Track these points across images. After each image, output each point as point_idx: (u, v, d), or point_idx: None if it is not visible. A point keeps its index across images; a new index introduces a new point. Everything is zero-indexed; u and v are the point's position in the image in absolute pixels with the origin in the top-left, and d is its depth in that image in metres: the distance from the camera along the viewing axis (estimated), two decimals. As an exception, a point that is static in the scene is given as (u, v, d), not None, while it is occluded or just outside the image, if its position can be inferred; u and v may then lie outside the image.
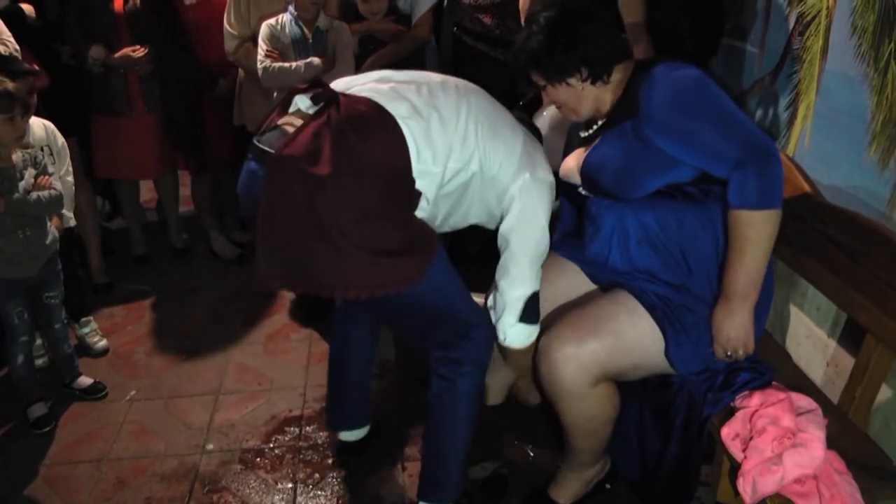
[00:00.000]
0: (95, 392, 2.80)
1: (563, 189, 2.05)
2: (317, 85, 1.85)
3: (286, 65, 2.95)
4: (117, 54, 3.26)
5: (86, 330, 3.10)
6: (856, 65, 1.89)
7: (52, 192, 2.47)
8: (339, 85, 1.87)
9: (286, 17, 3.04)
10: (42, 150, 2.59)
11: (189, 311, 3.42)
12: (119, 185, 3.82)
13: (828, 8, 1.99)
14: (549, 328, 1.91)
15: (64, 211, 2.68)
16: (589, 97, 1.86)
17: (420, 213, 1.79)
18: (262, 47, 2.99)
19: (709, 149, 1.67)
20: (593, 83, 1.83)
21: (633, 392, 2.07)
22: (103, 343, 3.10)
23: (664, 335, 1.81)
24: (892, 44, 1.75)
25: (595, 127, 1.93)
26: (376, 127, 1.72)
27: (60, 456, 2.51)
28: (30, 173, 2.43)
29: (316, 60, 2.94)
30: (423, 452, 2.14)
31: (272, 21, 3.04)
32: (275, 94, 3.02)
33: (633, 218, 1.87)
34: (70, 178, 2.76)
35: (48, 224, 2.55)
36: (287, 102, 1.87)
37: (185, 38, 3.39)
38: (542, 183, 1.92)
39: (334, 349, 2.35)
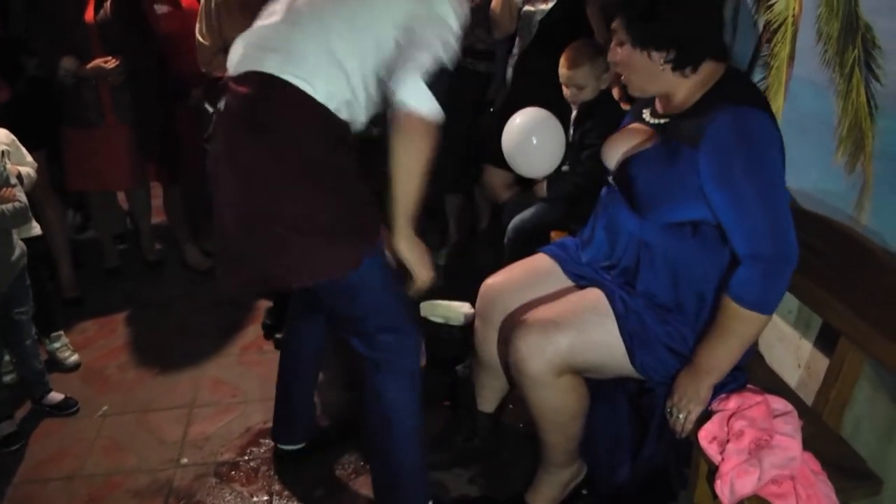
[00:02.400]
0: (66, 408, 2.75)
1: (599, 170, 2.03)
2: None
3: None
4: (90, 65, 3.22)
5: (56, 345, 3.05)
6: (822, 71, 1.92)
7: (17, 204, 2.43)
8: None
9: None
10: (3, 154, 2.53)
11: (162, 324, 3.39)
12: (91, 196, 3.77)
13: (794, 15, 2.02)
14: (518, 318, 1.93)
15: (22, 168, 2.62)
16: (663, 81, 1.76)
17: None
18: None
19: (749, 226, 1.63)
20: (674, 70, 1.73)
21: (614, 400, 2.09)
22: (75, 358, 3.06)
23: (627, 344, 1.83)
24: (856, 50, 1.78)
25: (662, 121, 1.83)
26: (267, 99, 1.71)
27: (30, 474, 2.46)
28: None
29: None
30: (372, 469, 2.13)
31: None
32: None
33: (643, 232, 1.84)
34: (30, 159, 2.71)
35: (14, 238, 2.50)
36: None
37: (156, 49, 3.36)
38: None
39: (283, 362, 2.36)
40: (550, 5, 2.93)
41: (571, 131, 2.75)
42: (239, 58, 1.78)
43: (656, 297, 1.85)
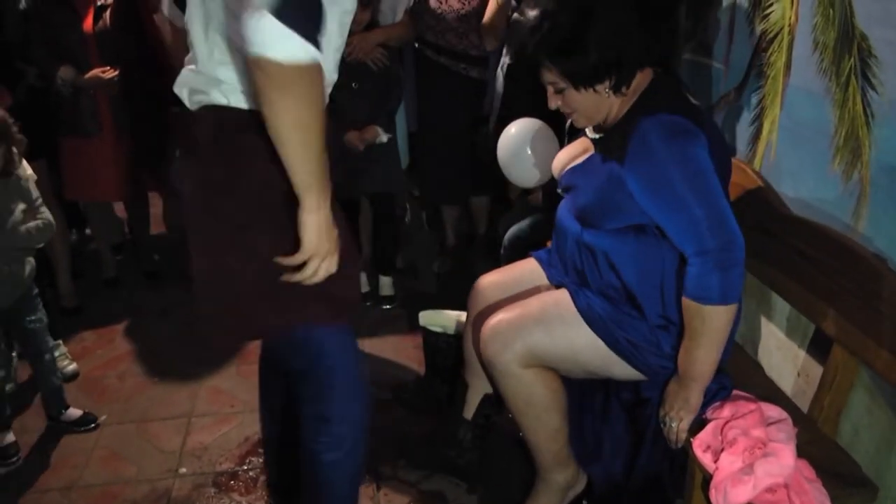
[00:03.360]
0: (86, 424, 2.70)
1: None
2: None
3: None
4: (87, 75, 3.22)
5: (55, 354, 3.04)
6: (818, 80, 1.92)
7: (43, 221, 2.47)
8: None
9: None
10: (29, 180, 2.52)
11: (160, 333, 3.38)
12: (90, 207, 3.78)
13: (790, 24, 2.02)
14: (490, 314, 2.00)
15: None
16: (606, 106, 1.76)
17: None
18: None
19: (686, 227, 1.64)
20: (615, 92, 1.73)
21: (608, 410, 2.09)
22: (73, 367, 3.06)
23: (603, 339, 1.86)
24: (852, 59, 1.79)
25: (598, 136, 1.86)
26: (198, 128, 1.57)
27: (28, 484, 2.45)
28: (20, 207, 2.42)
29: None
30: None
31: None
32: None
33: (584, 235, 1.89)
34: (30, 172, 2.64)
35: (30, 257, 2.51)
36: None
37: (154, 59, 3.37)
38: None
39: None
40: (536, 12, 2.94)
41: (566, 140, 2.76)
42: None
43: (610, 295, 1.88)
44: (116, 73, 3.25)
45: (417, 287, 3.69)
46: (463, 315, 2.67)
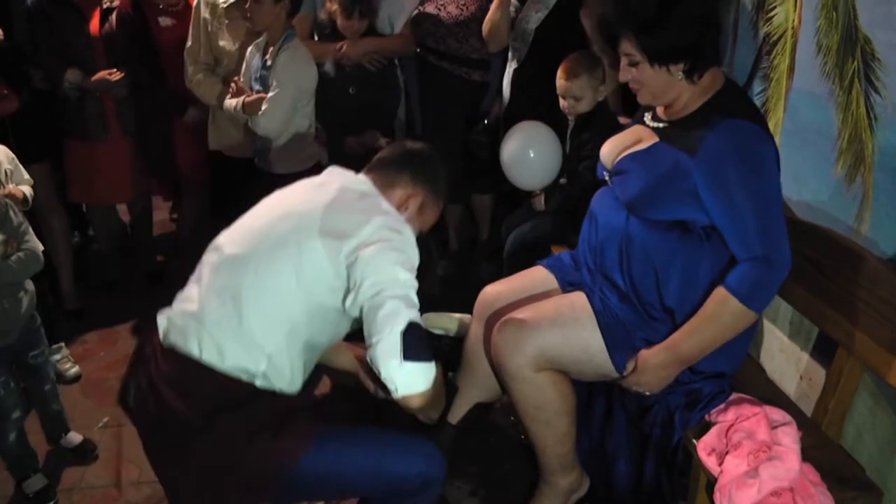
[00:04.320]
0: (84, 453, 2.57)
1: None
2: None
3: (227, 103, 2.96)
4: (94, 78, 3.22)
5: (57, 356, 3.04)
6: (821, 83, 1.92)
7: (27, 251, 2.25)
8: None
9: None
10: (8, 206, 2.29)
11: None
12: (93, 208, 3.78)
13: (793, 28, 2.02)
14: (502, 317, 1.98)
15: (23, 189, 2.53)
16: (676, 89, 1.77)
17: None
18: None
19: (742, 231, 1.68)
20: (687, 78, 1.74)
21: (611, 417, 2.10)
22: (75, 370, 3.05)
23: (606, 341, 1.86)
24: (856, 62, 1.79)
25: (662, 125, 1.86)
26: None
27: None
28: None
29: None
30: None
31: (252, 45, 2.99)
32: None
33: (629, 225, 1.87)
34: (27, 176, 2.63)
35: (25, 285, 2.32)
36: None
37: (158, 62, 3.37)
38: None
39: None
40: (541, 14, 2.93)
41: (568, 143, 2.76)
42: (164, 329, 1.70)
43: (639, 292, 1.87)
44: (122, 75, 3.25)
45: (419, 289, 3.68)
46: (465, 317, 2.67)
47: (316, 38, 3.31)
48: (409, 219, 1.78)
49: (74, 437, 2.61)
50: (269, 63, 2.85)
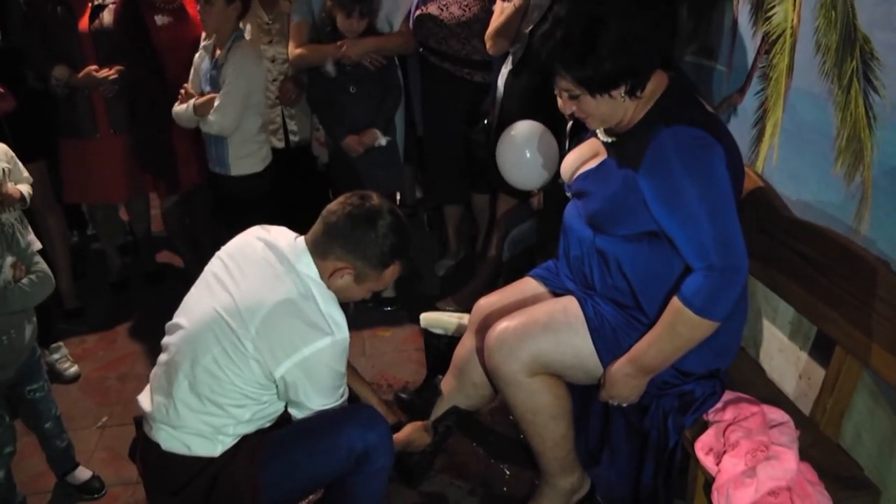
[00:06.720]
0: (91, 492, 2.43)
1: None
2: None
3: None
4: (80, 74, 3.20)
5: (56, 356, 3.05)
6: (820, 82, 1.92)
7: (38, 272, 2.14)
8: None
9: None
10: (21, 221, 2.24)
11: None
12: (95, 208, 3.77)
13: (792, 27, 2.02)
14: (494, 322, 1.99)
15: (21, 188, 2.37)
16: (622, 109, 1.73)
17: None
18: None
19: (693, 240, 1.66)
20: (631, 96, 1.70)
21: (608, 419, 2.09)
22: (74, 369, 3.06)
23: (596, 345, 1.87)
24: (855, 61, 1.79)
25: (611, 139, 1.83)
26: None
27: (29, 487, 2.45)
28: (8, 262, 2.07)
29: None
30: None
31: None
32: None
33: (599, 243, 1.87)
34: (26, 174, 2.51)
35: (30, 316, 2.21)
36: None
37: (154, 59, 3.36)
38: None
39: None
40: (536, 15, 2.92)
41: (566, 143, 2.76)
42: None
43: (618, 300, 1.88)
44: (112, 72, 3.23)
45: (419, 289, 3.68)
46: (465, 317, 2.68)
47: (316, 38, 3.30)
48: (345, 287, 1.83)
49: (82, 474, 2.46)
50: (219, 62, 2.91)
